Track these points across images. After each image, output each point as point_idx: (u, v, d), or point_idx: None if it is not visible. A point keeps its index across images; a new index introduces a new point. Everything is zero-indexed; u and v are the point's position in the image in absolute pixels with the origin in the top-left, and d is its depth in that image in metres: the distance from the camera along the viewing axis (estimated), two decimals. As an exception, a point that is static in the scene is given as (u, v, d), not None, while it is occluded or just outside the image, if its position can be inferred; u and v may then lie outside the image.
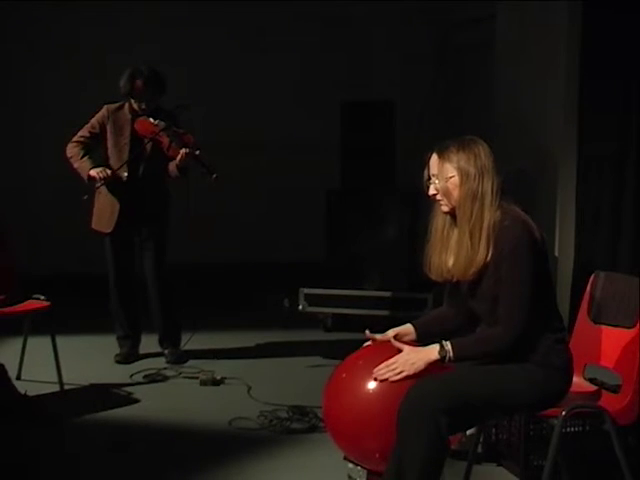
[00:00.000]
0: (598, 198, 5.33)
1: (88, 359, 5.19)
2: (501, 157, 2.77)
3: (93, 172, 4.75)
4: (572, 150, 5.47)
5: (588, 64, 5.36)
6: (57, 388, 4.42)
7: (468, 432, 3.15)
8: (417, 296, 5.58)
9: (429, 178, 2.77)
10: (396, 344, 2.76)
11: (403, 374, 2.64)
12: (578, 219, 5.45)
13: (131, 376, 4.85)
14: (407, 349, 2.71)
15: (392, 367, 2.66)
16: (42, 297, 4.44)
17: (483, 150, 2.71)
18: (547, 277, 2.71)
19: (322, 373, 3.27)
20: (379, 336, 2.86)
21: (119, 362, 5.10)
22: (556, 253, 5.45)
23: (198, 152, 4.68)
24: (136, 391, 4.59)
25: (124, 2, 6.97)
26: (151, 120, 4.80)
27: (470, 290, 2.75)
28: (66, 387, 4.45)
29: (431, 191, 2.76)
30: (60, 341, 4.45)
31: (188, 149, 4.67)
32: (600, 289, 3.06)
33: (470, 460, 3.20)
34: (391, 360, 2.67)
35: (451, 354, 2.65)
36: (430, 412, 2.51)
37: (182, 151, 4.68)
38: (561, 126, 5.53)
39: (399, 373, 2.64)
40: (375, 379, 2.66)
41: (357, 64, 7.46)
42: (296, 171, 7.28)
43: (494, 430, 3.57)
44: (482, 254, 2.64)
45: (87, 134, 4.90)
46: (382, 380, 2.65)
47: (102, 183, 4.77)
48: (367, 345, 2.90)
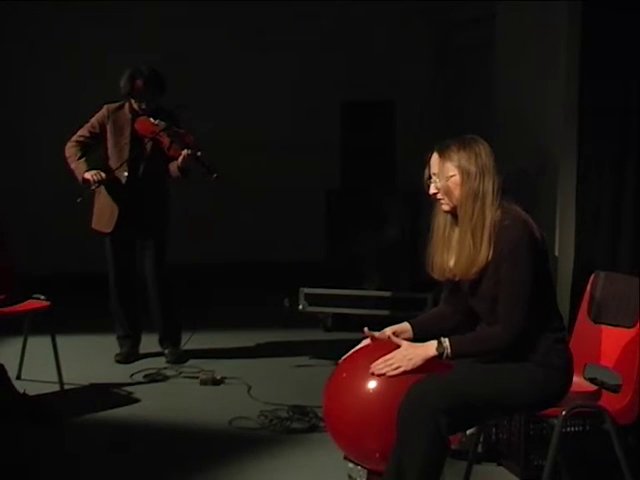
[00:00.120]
0: (598, 198, 5.33)
1: (88, 359, 5.19)
2: (501, 157, 2.77)
3: (87, 175, 4.74)
4: (572, 150, 5.47)
5: (588, 64, 5.36)
6: (57, 388, 4.42)
7: (468, 432, 3.15)
8: (417, 296, 5.58)
9: (429, 177, 2.77)
10: (395, 340, 2.76)
11: (400, 369, 2.64)
12: (578, 219, 5.45)
13: (131, 376, 4.85)
14: (405, 344, 2.71)
15: (390, 362, 2.65)
16: (42, 297, 4.44)
17: (484, 149, 2.71)
18: (547, 277, 2.72)
19: (322, 373, 3.27)
20: (377, 334, 2.86)
21: (119, 362, 5.10)
22: (556, 253, 5.45)
23: (200, 154, 4.68)
24: (136, 391, 4.59)
25: (124, 2, 6.97)
26: (151, 120, 4.80)
27: (471, 289, 2.75)
28: (66, 387, 4.46)
29: (432, 190, 2.76)
30: (60, 341, 4.46)
31: (190, 150, 4.67)
32: (600, 289, 3.06)
33: (470, 460, 3.20)
34: (389, 355, 2.67)
35: (449, 351, 2.65)
36: (430, 412, 2.51)
37: (184, 152, 4.68)
38: (561, 126, 5.53)
39: (396, 368, 2.64)
40: (372, 374, 2.66)
41: (357, 64, 7.44)
42: (296, 171, 7.27)
43: (494, 430, 3.57)
44: (484, 253, 2.65)
45: (87, 133, 4.91)
46: (379, 375, 2.65)
47: (96, 186, 4.77)
48: (365, 343, 2.90)
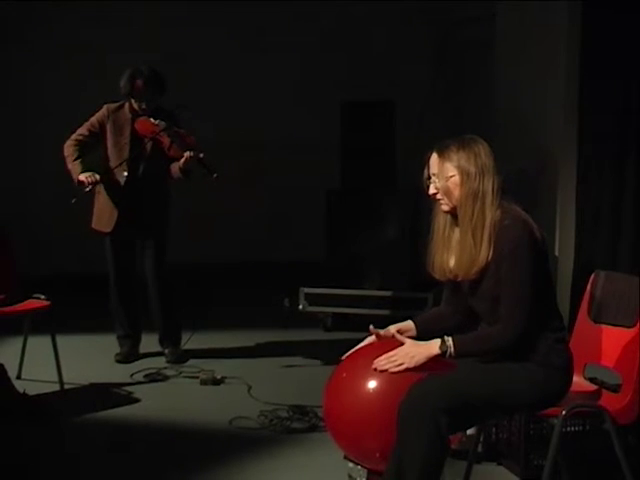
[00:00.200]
0: (598, 198, 5.32)
1: (88, 359, 5.19)
2: (501, 157, 2.77)
3: (82, 177, 4.72)
4: (572, 150, 5.47)
5: (588, 64, 5.36)
6: (57, 388, 4.43)
7: (468, 432, 3.16)
8: (417, 295, 5.59)
9: (429, 177, 2.77)
10: (399, 337, 2.77)
11: (403, 366, 2.64)
12: (578, 219, 5.45)
13: (131, 375, 4.85)
14: (409, 342, 2.72)
15: (393, 359, 2.66)
16: (42, 297, 4.44)
17: (483, 149, 2.71)
18: (547, 277, 2.72)
19: (322, 373, 3.28)
20: (382, 332, 2.86)
21: (119, 361, 5.10)
22: (556, 253, 5.45)
23: (202, 155, 4.68)
24: (136, 390, 4.59)
25: (124, 2, 6.96)
26: (151, 120, 4.80)
27: (471, 289, 2.75)
28: (66, 387, 4.46)
29: (431, 190, 2.76)
30: (60, 341, 4.46)
31: (192, 152, 4.67)
32: (600, 288, 3.07)
33: (470, 460, 3.20)
34: (392, 352, 2.68)
35: (452, 349, 2.65)
36: (430, 412, 2.52)
37: (186, 154, 4.67)
38: (561, 126, 5.53)
39: (399, 365, 2.65)
40: (375, 370, 2.66)
41: (357, 64, 7.44)
42: (296, 171, 7.27)
43: (494, 430, 3.57)
44: (484, 253, 2.65)
45: (86, 132, 4.90)
46: (382, 371, 2.65)
47: (90, 188, 4.75)
48: (369, 340, 2.90)
